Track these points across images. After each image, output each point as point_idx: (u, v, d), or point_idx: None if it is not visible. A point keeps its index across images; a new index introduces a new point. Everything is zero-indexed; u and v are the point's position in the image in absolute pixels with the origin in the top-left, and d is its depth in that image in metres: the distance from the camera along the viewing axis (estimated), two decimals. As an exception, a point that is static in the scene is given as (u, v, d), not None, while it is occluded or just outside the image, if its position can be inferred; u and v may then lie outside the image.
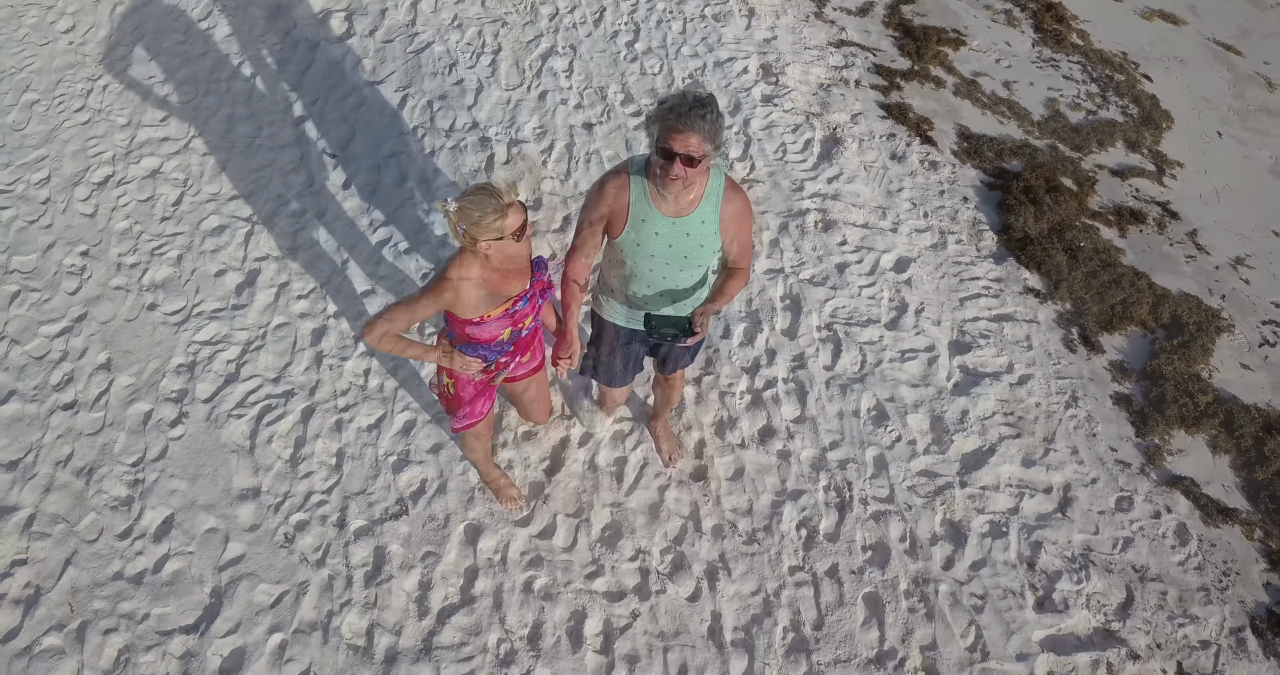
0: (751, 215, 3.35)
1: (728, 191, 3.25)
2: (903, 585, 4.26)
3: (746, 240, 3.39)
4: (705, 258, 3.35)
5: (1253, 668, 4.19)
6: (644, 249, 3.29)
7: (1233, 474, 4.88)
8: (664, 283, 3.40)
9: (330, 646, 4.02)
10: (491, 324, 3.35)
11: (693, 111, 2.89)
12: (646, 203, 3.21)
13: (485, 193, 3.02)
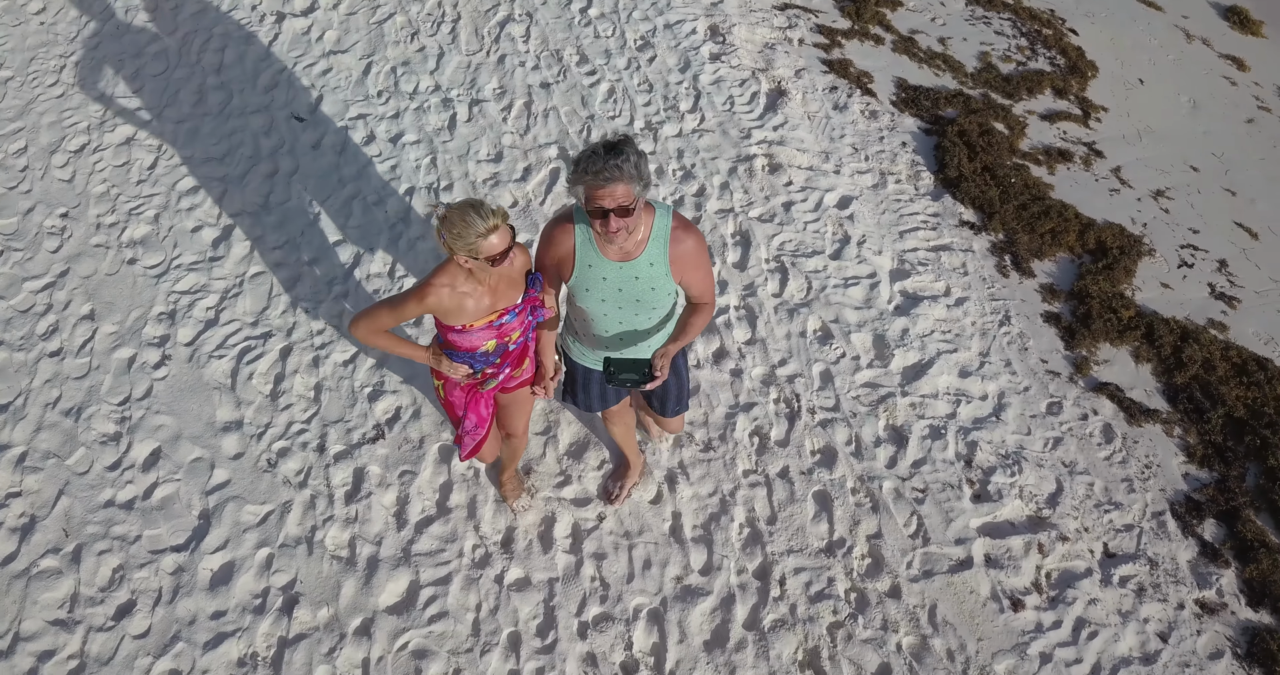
0: (706, 251, 3.19)
1: (676, 231, 3.09)
2: (849, 483, 4.51)
3: (705, 278, 3.23)
4: (658, 299, 3.21)
5: (1172, 546, 4.48)
6: (593, 294, 3.18)
7: (1153, 380, 5.18)
8: (621, 326, 3.29)
9: (315, 558, 4.21)
10: (474, 334, 3.29)
11: (608, 163, 2.76)
12: (591, 248, 3.09)
13: (472, 209, 2.94)
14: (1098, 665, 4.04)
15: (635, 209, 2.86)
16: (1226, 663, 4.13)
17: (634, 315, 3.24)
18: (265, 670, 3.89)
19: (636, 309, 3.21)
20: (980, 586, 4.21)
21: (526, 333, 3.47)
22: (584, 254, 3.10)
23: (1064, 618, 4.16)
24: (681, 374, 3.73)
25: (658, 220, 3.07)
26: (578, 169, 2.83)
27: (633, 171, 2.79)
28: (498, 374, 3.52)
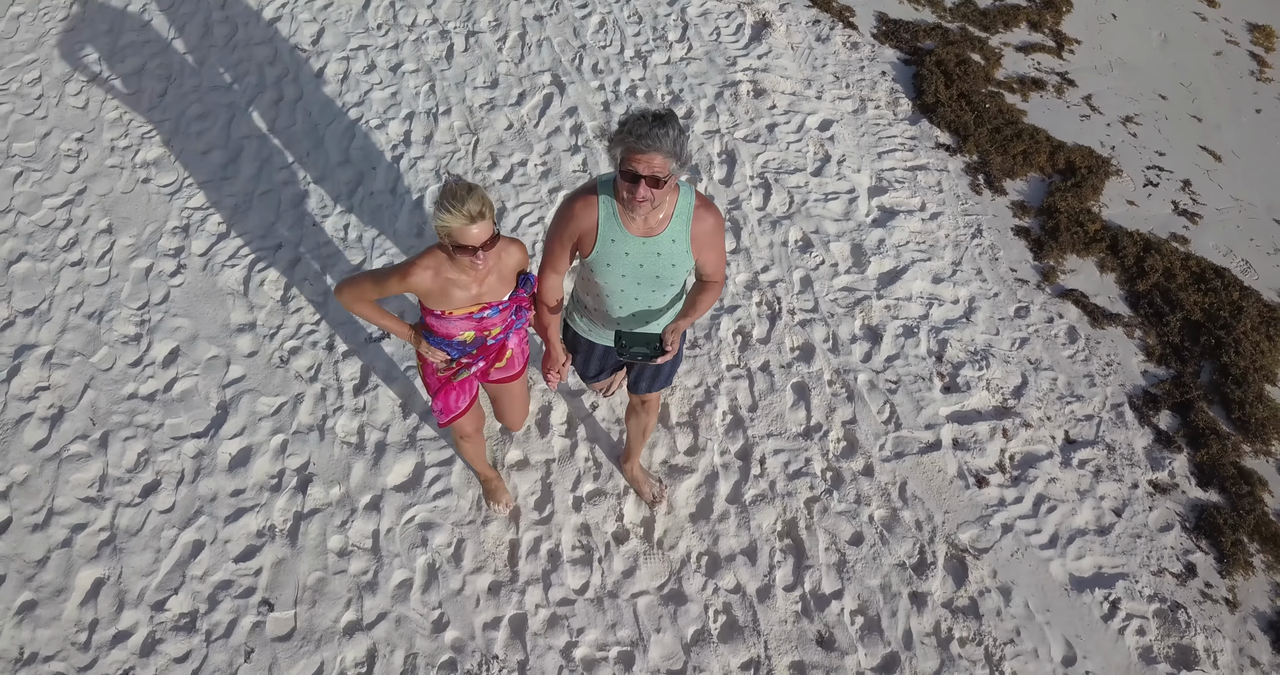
0: (723, 231, 3.22)
1: (698, 209, 3.07)
2: (826, 376, 4.75)
3: (720, 257, 3.21)
4: (678, 277, 3.17)
5: (1129, 434, 4.73)
6: (614, 269, 3.13)
7: (1117, 287, 5.41)
8: (636, 303, 3.25)
9: (326, 443, 4.45)
10: (453, 322, 3.23)
11: (653, 131, 2.73)
12: (615, 223, 3.05)
13: (464, 192, 2.86)
14: (1055, 535, 4.30)
15: (666, 183, 2.82)
16: (1175, 534, 4.39)
17: (650, 292, 3.20)
18: (282, 540, 4.14)
19: (654, 285, 3.18)
20: (947, 466, 4.47)
21: (508, 331, 3.40)
22: (607, 228, 3.05)
23: (1025, 494, 4.42)
24: (678, 353, 3.65)
25: (681, 198, 3.05)
26: (622, 130, 2.79)
27: (673, 146, 2.76)
28: (472, 365, 3.44)
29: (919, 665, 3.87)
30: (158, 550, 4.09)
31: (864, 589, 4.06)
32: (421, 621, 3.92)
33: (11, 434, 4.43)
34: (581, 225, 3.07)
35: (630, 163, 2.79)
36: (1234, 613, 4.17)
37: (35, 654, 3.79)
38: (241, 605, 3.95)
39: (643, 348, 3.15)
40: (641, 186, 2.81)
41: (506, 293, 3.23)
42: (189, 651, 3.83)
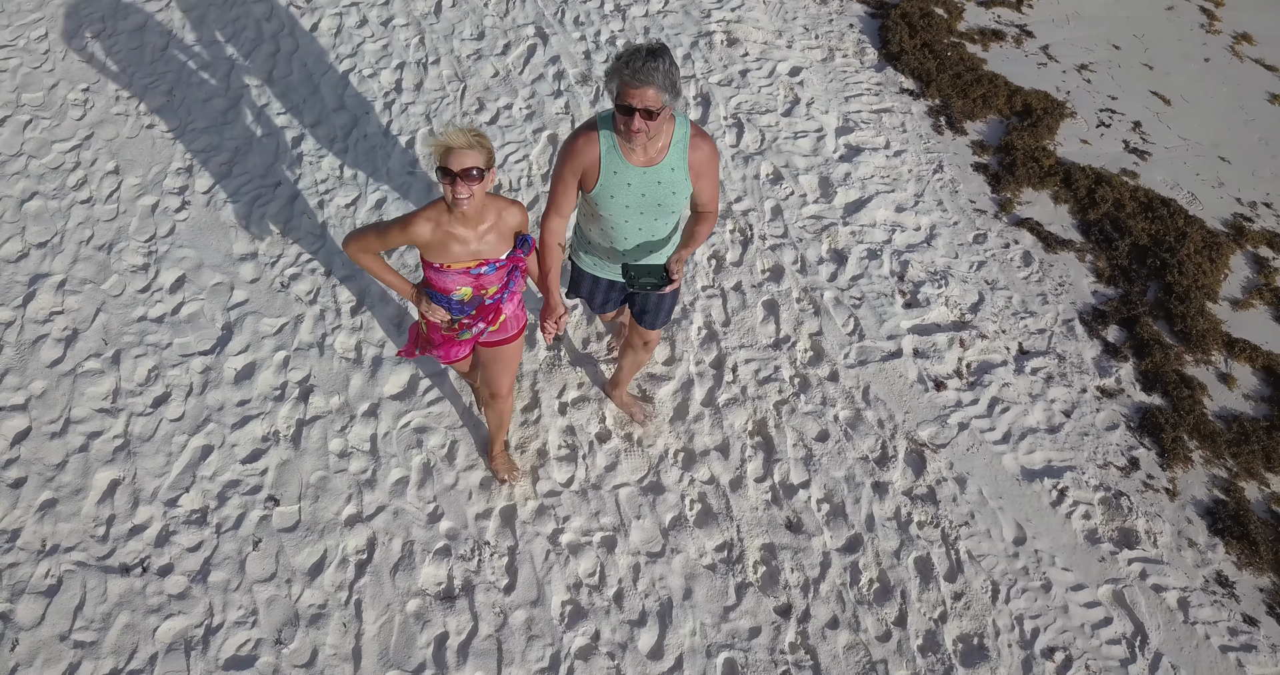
0: (717, 161, 3.31)
1: (694, 138, 3.19)
2: (794, 294, 4.98)
3: (713, 186, 3.33)
4: (678, 204, 3.29)
5: (1078, 345, 4.97)
6: (618, 200, 3.23)
7: (1069, 216, 5.65)
8: (640, 233, 3.35)
9: (326, 358, 4.66)
10: (451, 275, 3.26)
11: (646, 65, 2.83)
12: (617, 155, 3.15)
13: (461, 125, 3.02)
14: (1008, 432, 4.54)
15: (660, 114, 2.92)
16: (1120, 433, 4.64)
17: (653, 220, 3.31)
18: (286, 444, 4.35)
19: (657, 214, 3.28)
20: (908, 372, 4.71)
21: (504, 291, 3.41)
22: (609, 161, 3.16)
23: (980, 397, 4.66)
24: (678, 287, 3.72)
25: (678, 128, 3.16)
26: (617, 64, 2.89)
27: (664, 79, 2.86)
28: (473, 325, 3.47)
29: (881, 545, 4.11)
30: (169, 454, 4.30)
31: (829, 479, 4.30)
32: (417, 513, 4.14)
33: (29, 352, 4.63)
34: (585, 160, 3.17)
35: (626, 97, 2.90)
36: (1173, 501, 4.42)
37: (57, 545, 4.00)
38: (249, 501, 4.17)
39: (650, 278, 3.23)
40: (636, 118, 2.92)
41: (504, 251, 3.27)
42: (200, 542, 4.04)
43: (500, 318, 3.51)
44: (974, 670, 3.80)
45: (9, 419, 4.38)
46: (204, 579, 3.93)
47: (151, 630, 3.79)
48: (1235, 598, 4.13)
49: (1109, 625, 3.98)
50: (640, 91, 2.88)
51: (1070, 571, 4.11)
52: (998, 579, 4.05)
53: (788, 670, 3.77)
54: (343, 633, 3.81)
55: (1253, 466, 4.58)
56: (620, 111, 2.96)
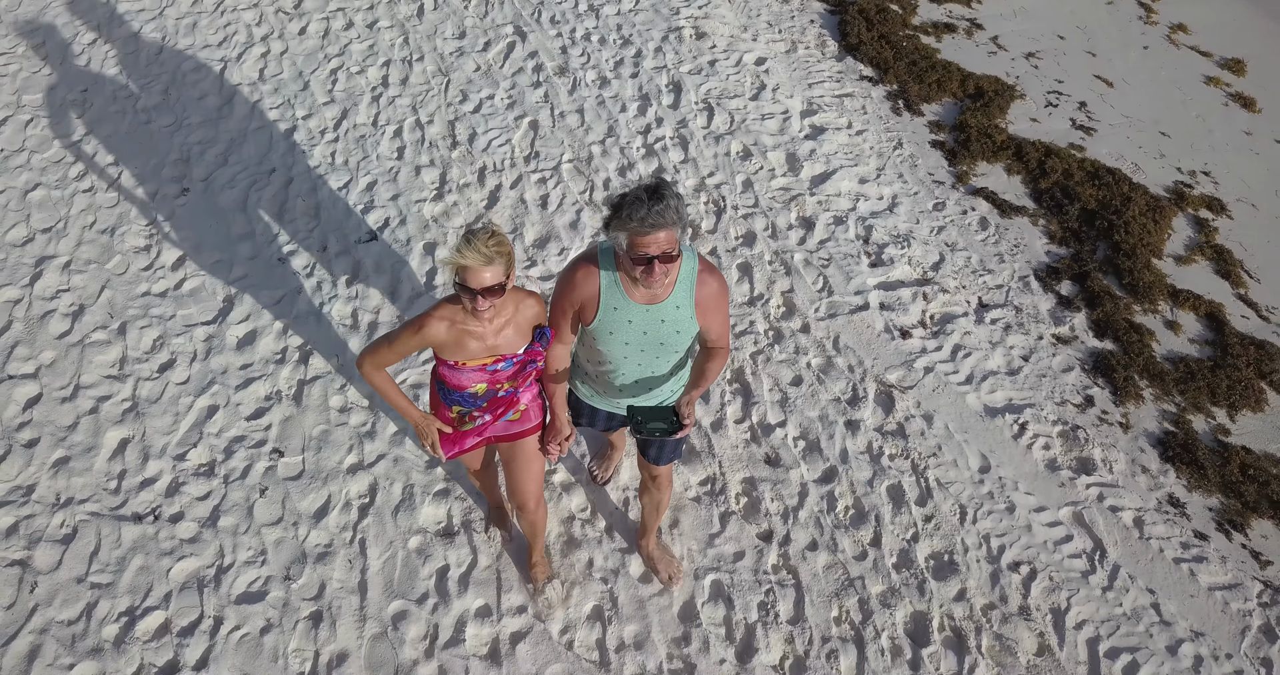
0: (727, 295, 3.07)
1: (702, 274, 2.95)
2: (766, 257, 5.28)
3: (724, 322, 3.10)
4: (682, 343, 3.07)
5: (1034, 299, 5.30)
6: (617, 337, 3.01)
7: (1022, 186, 6.02)
8: (640, 370, 3.13)
9: (323, 325, 4.90)
10: (466, 373, 3.09)
11: (653, 211, 2.61)
12: (618, 290, 2.93)
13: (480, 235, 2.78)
14: (971, 375, 4.84)
15: (679, 254, 2.75)
16: (1076, 374, 4.94)
17: (655, 359, 3.09)
18: (288, 402, 4.57)
19: (658, 352, 3.06)
20: (875, 323, 5.00)
21: (521, 385, 3.25)
22: (609, 296, 2.94)
23: (944, 344, 4.96)
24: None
25: (685, 262, 2.93)
26: (620, 216, 2.68)
27: (675, 216, 2.65)
28: (480, 418, 3.29)
29: (855, 475, 4.37)
30: (176, 414, 4.50)
31: (804, 419, 4.57)
32: (416, 460, 4.36)
33: (38, 326, 4.83)
34: (583, 294, 2.97)
35: (639, 247, 2.67)
36: (1126, 432, 4.72)
37: (71, 498, 4.18)
38: (254, 454, 4.37)
39: (659, 423, 3.01)
40: (656, 266, 2.71)
41: (522, 346, 3.09)
42: (209, 492, 4.24)
43: (520, 407, 3.34)
44: (945, 583, 4.05)
45: (20, 386, 4.57)
46: (214, 524, 4.12)
47: (165, 571, 3.97)
48: (1186, 516, 4.41)
49: (1070, 542, 4.24)
50: (653, 237, 2.65)
51: (1032, 496, 4.39)
52: (965, 503, 4.31)
53: (771, 589, 4.00)
54: (348, 568, 4.01)
55: (1199, 401, 4.89)
56: (636, 262, 2.73)
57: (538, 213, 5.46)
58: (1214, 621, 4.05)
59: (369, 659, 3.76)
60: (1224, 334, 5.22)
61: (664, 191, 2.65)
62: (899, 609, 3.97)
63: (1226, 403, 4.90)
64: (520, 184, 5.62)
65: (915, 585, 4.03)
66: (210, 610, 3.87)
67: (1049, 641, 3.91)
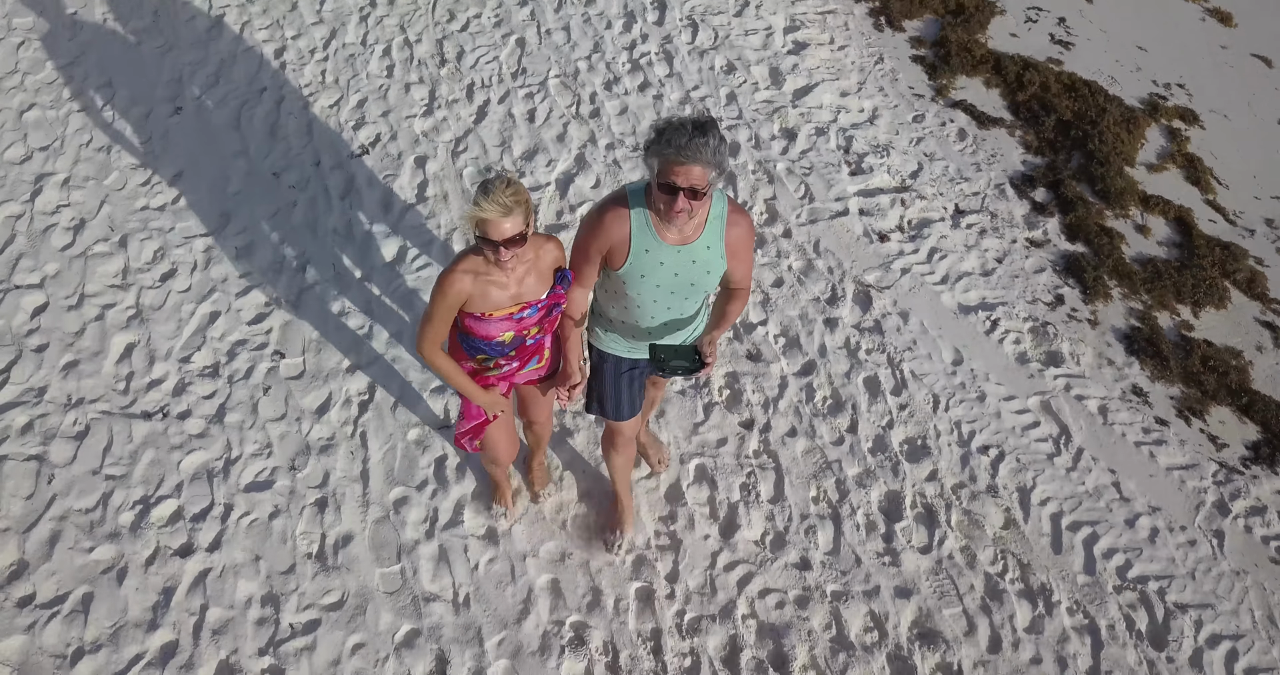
0: (754, 237, 3.07)
1: (732, 214, 2.93)
2: (750, 166, 5.36)
3: (748, 264, 3.09)
4: (710, 283, 3.04)
5: (1009, 205, 5.40)
6: (649, 280, 2.96)
7: (1000, 99, 6.07)
8: (668, 313, 3.09)
9: (319, 237, 4.98)
10: (492, 323, 3.04)
11: (693, 141, 2.56)
12: (649, 232, 2.87)
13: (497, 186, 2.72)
14: (946, 276, 4.96)
15: (706, 194, 2.68)
16: (1047, 275, 5.07)
17: (683, 300, 3.07)
18: (288, 308, 4.68)
19: (688, 293, 3.04)
20: (854, 227, 5.11)
21: (546, 330, 3.22)
22: (640, 239, 2.88)
23: (921, 247, 5.07)
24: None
25: (715, 203, 2.90)
26: (660, 140, 2.62)
27: (713, 156, 2.60)
28: (506, 366, 3.25)
29: (832, 368, 4.52)
30: (180, 320, 4.61)
31: (785, 317, 4.70)
32: (413, 361, 4.49)
33: (40, 240, 4.91)
34: (613, 237, 2.89)
35: (669, 174, 2.63)
36: (1094, 329, 4.86)
37: (82, 398, 4.31)
38: (256, 356, 4.50)
39: (683, 362, 3.01)
40: (680, 198, 2.65)
41: (545, 291, 3.06)
42: (215, 391, 4.37)
43: (545, 355, 3.34)
44: (918, 465, 4.23)
45: (27, 295, 4.67)
46: (220, 420, 4.26)
47: (176, 463, 4.12)
48: (1149, 404, 4.58)
49: (1037, 428, 4.41)
50: (686, 169, 2.60)
51: (1002, 386, 4.54)
52: (938, 393, 4.47)
53: (752, 472, 4.17)
54: (350, 459, 4.16)
55: (1165, 299, 5.03)
56: (663, 190, 2.67)
57: (525, 127, 5.52)
58: (1170, 498, 4.25)
59: (373, 540, 3.94)
60: (1191, 237, 5.34)
61: (709, 129, 2.60)
62: (874, 489, 4.15)
63: (1191, 300, 5.05)
64: (508, 99, 5.66)
65: (889, 467, 4.21)
66: (220, 498, 4.03)
67: (1015, 516, 4.11)
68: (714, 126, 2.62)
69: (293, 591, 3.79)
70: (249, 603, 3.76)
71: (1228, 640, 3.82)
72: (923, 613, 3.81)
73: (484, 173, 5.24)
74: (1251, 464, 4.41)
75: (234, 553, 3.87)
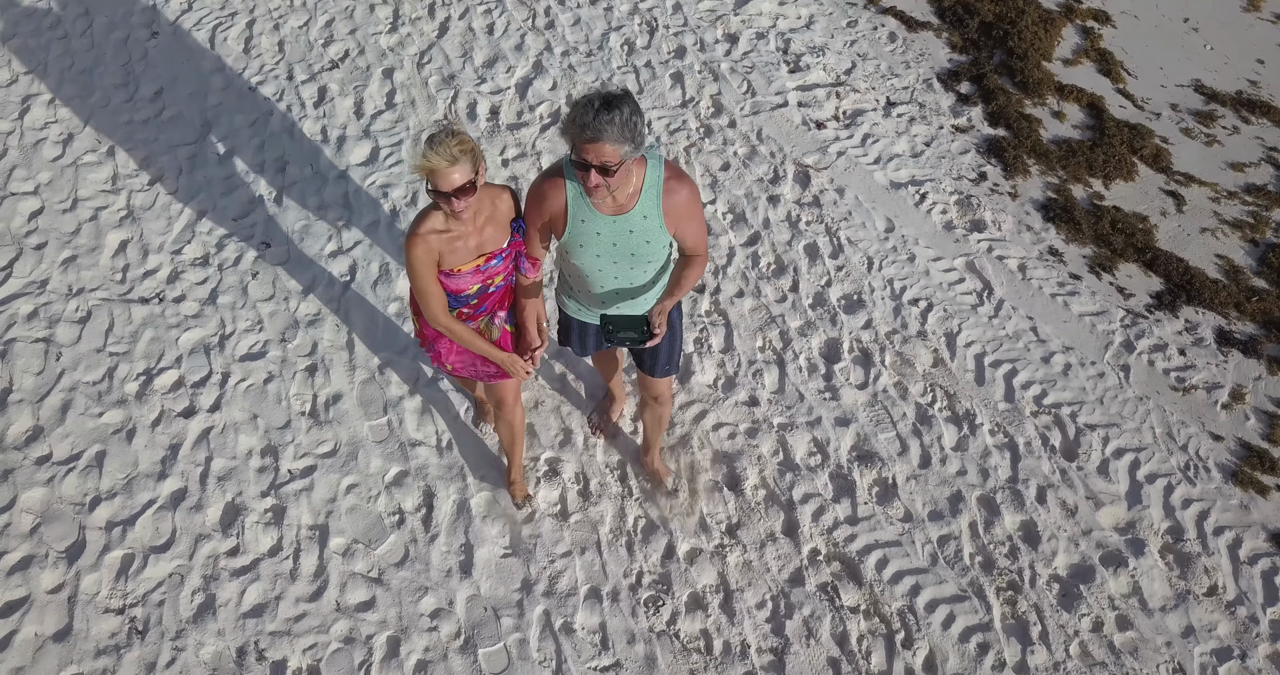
0: (699, 201, 2.95)
1: (669, 182, 2.82)
2: (696, 67, 5.61)
3: (699, 229, 2.96)
4: (655, 253, 2.96)
5: (936, 97, 5.68)
6: (588, 249, 2.92)
7: (927, 4, 6.31)
8: (617, 281, 3.03)
9: (296, 139, 5.16)
10: (462, 277, 3.02)
11: (598, 118, 2.50)
12: (584, 202, 2.83)
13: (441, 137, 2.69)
14: (879, 157, 5.24)
15: (617, 170, 2.61)
16: (971, 156, 5.37)
17: (629, 270, 2.99)
18: (271, 204, 4.88)
19: (632, 263, 2.96)
20: (794, 117, 5.38)
21: (509, 277, 3.20)
22: (576, 209, 2.85)
23: (855, 133, 5.35)
24: (676, 331, 3.34)
25: (650, 171, 2.80)
26: (568, 118, 2.59)
27: (620, 132, 2.53)
28: (473, 313, 3.20)
29: (775, 238, 4.81)
30: (169, 218, 4.81)
31: (731, 196, 4.98)
32: (392, 242, 4.72)
33: (32, 152, 5.07)
34: (551, 207, 2.88)
35: (580, 151, 2.59)
36: (1014, 200, 5.18)
37: (82, 288, 4.51)
38: (244, 246, 4.71)
39: (630, 332, 2.97)
40: (592, 175, 2.62)
41: (505, 240, 3.04)
42: (206, 277, 4.58)
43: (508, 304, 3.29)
44: (854, 316, 4.53)
45: (23, 201, 4.84)
46: (213, 302, 4.48)
47: (174, 340, 4.34)
48: (1063, 262, 4.92)
49: (962, 283, 4.73)
50: (595, 147, 2.54)
51: (931, 249, 4.85)
52: (872, 255, 4.78)
53: (705, 327, 4.46)
54: (336, 330, 4.40)
55: (1078, 173, 5.35)
56: (576, 166, 2.66)
57: (485, 38, 5.72)
58: (1082, 339, 4.59)
59: (360, 397, 4.20)
60: (1103, 120, 5.66)
61: (617, 103, 2.53)
62: (814, 337, 4.45)
63: (1102, 174, 5.37)
64: (468, 15, 5.85)
65: (828, 319, 4.52)
66: (218, 368, 4.26)
67: (942, 356, 4.43)
68: (623, 101, 2.54)
69: (289, 443, 4.04)
70: (250, 454, 4.01)
71: (1131, 452, 4.17)
72: (860, 438, 4.14)
73: (447, 88, 5.44)
74: (1155, 310, 4.76)
75: (233, 413, 4.12)
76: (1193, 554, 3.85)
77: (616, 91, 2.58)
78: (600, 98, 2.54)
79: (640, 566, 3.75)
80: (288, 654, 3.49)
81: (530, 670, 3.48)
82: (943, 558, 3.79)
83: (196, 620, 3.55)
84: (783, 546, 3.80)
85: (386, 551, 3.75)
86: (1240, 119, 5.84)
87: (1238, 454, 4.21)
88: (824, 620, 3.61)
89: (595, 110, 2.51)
